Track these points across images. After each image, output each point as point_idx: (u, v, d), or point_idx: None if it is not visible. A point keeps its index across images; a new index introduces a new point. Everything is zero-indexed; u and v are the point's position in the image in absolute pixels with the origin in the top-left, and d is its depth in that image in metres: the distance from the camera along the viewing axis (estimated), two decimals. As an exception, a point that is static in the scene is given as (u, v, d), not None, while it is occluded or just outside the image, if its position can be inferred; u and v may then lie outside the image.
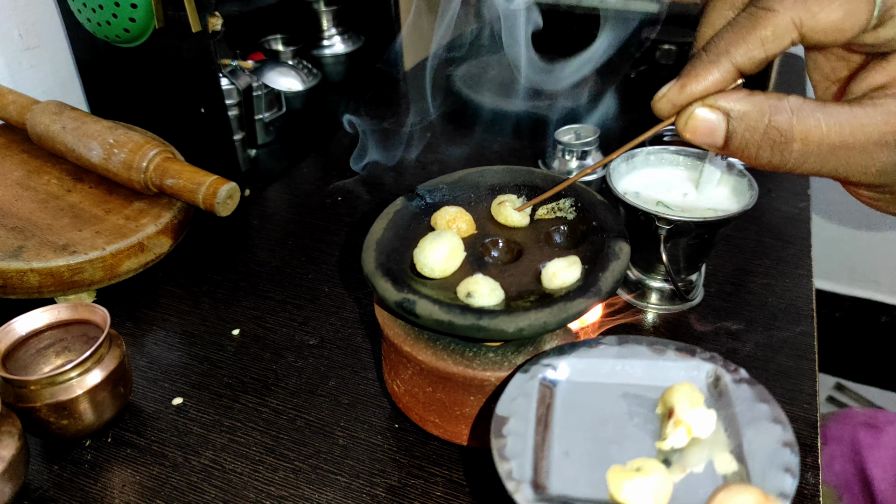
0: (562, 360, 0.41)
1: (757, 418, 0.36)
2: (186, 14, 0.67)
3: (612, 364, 0.41)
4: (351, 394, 0.55)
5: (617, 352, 0.41)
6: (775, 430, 0.35)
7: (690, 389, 0.37)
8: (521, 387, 0.39)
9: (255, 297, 0.65)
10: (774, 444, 0.35)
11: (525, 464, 0.35)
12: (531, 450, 0.36)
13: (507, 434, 0.36)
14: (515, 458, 0.35)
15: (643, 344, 0.42)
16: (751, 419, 0.36)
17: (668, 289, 0.62)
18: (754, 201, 0.55)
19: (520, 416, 0.37)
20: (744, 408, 0.37)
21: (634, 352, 0.41)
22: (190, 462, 0.50)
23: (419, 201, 0.52)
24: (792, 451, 0.34)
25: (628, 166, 0.61)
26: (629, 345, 0.42)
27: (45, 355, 0.53)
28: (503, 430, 0.37)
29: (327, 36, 1.03)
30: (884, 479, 0.78)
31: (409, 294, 0.43)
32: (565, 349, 0.41)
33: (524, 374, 0.40)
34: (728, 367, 0.40)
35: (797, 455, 0.34)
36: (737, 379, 0.39)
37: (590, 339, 0.42)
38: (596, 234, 0.48)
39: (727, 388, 0.38)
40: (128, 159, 0.65)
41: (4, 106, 0.72)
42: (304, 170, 0.87)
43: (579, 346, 0.42)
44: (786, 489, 0.32)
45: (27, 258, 0.58)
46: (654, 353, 0.41)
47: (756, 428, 0.36)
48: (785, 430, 0.35)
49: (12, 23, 0.77)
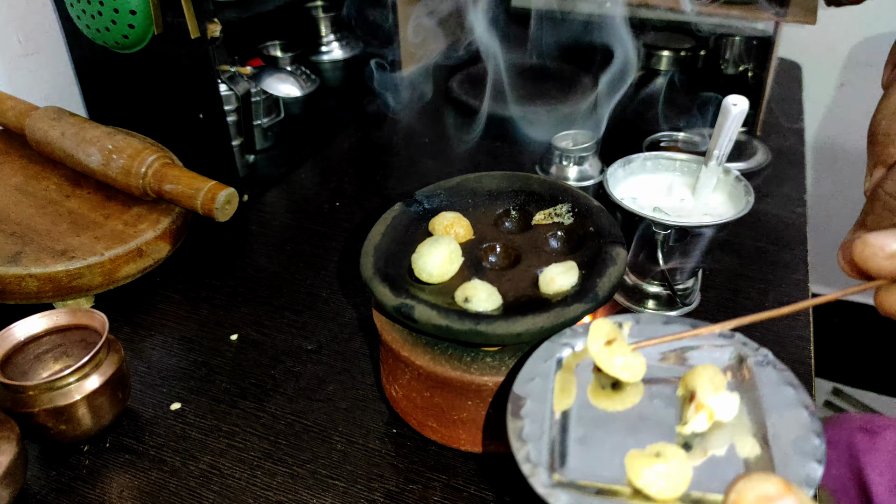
0: (579, 340, 0.40)
1: (782, 403, 0.35)
2: (185, 20, 0.68)
3: (632, 345, 0.39)
4: (349, 399, 0.55)
5: (637, 331, 0.40)
6: (801, 416, 0.34)
7: (713, 372, 0.36)
8: (538, 367, 0.38)
9: (254, 302, 0.65)
10: (800, 431, 0.33)
11: (542, 447, 0.34)
12: (548, 432, 0.34)
13: (524, 416, 0.35)
14: (532, 441, 0.34)
15: (662, 323, 0.40)
16: (775, 404, 0.35)
17: (665, 294, 0.62)
18: (750, 206, 0.55)
19: (536, 397, 0.36)
20: (768, 391, 0.36)
21: (654, 331, 0.40)
22: (188, 467, 0.50)
23: (417, 207, 0.53)
24: (819, 438, 0.33)
25: (625, 171, 0.62)
26: (648, 324, 0.40)
27: (43, 360, 0.53)
28: (521, 411, 0.35)
29: (325, 42, 1.03)
30: (881, 483, 0.78)
31: (407, 299, 0.43)
32: (583, 328, 0.40)
33: (540, 354, 0.39)
34: (752, 347, 0.38)
35: (824, 442, 0.33)
36: (761, 361, 0.38)
37: (608, 316, 0.41)
38: (593, 239, 0.49)
39: (751, 370, 0.37)
40: (126, 165, 0.65)
41: (3, 112, 0.72)
42: (302, 175, 0.87)
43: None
44: (811, 477, 0.31)
45: (26, 263, 0.58)
46: (675, 331, 0.39)
47: (781, 413, 0.34)
48: (812, 416, 0.34)
49: (11, 29, 0.78)
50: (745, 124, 0.91)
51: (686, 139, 0.83)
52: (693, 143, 0.82)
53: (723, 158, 0.57)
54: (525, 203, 0.54)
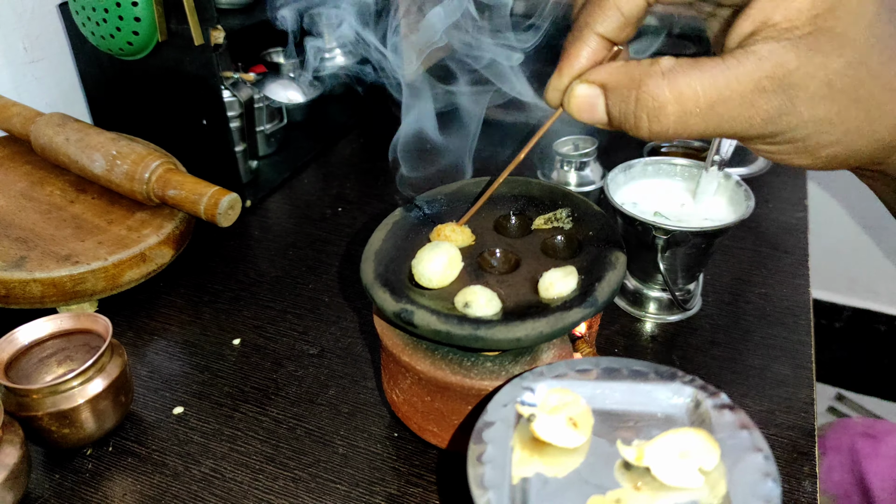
0: (540, 383, 0.39)
1: (738, 447, 0.35)
2: (189, 27, 0.68)
3: (592, 387, 0.39)
4: (350, 403, 0.55)
5: (597, 374, 0.40)
6: (757, 460, 0.34)
7: (707, 441, 0.35)
8: (498, 412, 0.38)
9: (256, 306, 0.66)
10: (756, 475, 0.34)
11: (503, 494, 0.33)
12: (508, 478, 0.34)
13: (485, 462, 0.35)
14: (494, 488, 0.34)
15: (623, 366, 0.40)
16: (732, 447, 0.35)
17: (665, 298, 0.62)
18: (751, 211, 0.56)
19: (497, 443, 0.36)
20: (725, 435, 0.36)
21: (614, 374, 0.40)
22: (190, 471, 0.50)
23: (417, 212, 0.53)
24: (774, 482, 0.33)
25: (626, 177, 0.62)
26: (608, 367, 0.40)
27: (47, 364, 0.53)
28: (481, 457, 0.35)
29: (328, 49, 1.04)
30: (883, 488, 0.78)
31: (408, 304, 0.43)
32: (544, 371, 0.40)
33: (502, 398, 0.39)
34: (709, 391, 0.39)
35: (779, 486, 0.33)
36: (718, 404, 0.38)
37: (567, 360, 0.41)
38: (593, 244, 0.49)
39: (708, 414, 0.37)
40: (130, 170, 0.65)
41: (9, 118, 0.73)
42: (304, 181, 0.87)
43: (557, 368, 0.40)
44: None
45: (30, 268, 0.58)
46: (634, 376, 0.40)
47: (737, 457, 0.35)
48: (767, 459, 0.34)
49: (17, 36, 0.78)
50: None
51: (687, 144, 0.83)
52: (694, 149, 0.82)
53: (723, 163, 0.57)
54: (525, 208, 0.54)
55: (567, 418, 0.37)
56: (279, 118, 0.90)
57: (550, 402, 0.38)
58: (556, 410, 0.38)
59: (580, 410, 0.38)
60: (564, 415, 0.37)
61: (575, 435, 0.37)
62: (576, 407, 0.38)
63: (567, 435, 0.36)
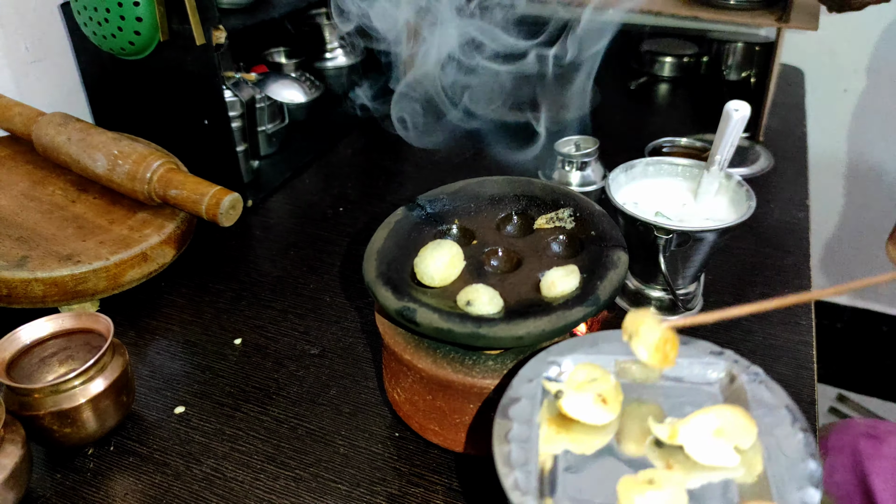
0: (566, 358, 0.38)
1: (776, 424, 0.34)
2: (191, 27, 0.68)
3: (619, 360, 0.38)
4: (352, 402, 0.55)
5: (623, 347, 0.38)
6: (797, 438, 0.33)
7: (743, 417, 0.34)
8: (523, 387, 0.37)
9: (257, 306, 0.66)
10: (795, 454, 0.32)
11: (530, 473, 0.32)
12: (535, 457, 0.33)
13: (511, 440, 0.34)
14: (520, 467, 0.33)
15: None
16: (770, 425, 0.34)
17: (667, 299, 0.62)
18: (752, 211, 0.56)
19: (523, 419, 0.35)
20: (762, 412, 0.34)
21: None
22: (192, 471, 0.50)
23: (419, 211, 0.53)
24: (815, 461, 0.32)
25: (627, 177, 0.62)
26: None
27: (48, 364, 0.53)
28: (507, 435, 0.34)
29: (330, 49, 1.04)
30: (885, 489, 0.78)
31: (410, 302, 0.43)
32: (570, 344, 0.39)
33: (527, 373, 0.37)
34: (743, 364, 0.37)
35: (821, 466, 0.31)
36: (754, 378, 0.36)
37: (594, 333, 0.41)
38: (594, 243, 0.49)
39: (743, 389, 0.36)
40: (132, 170, 0.65)
41: (10, 118, 0.73)
42: (306, 181, 0.87)
43: (584, 342, 0.39)
44: (808, 500, 0.30)
45: (32, 268, 0.58)
46: None
47: (776, 435, 0.33)
48: (807, 437, 0.33)
49: (19, 36, 0.78)
50: (748, 130, 0.91)
51: (688, 144, 0.83)
52: (695, 149, 0.82)
53: (724, 163, 0.57)
54: (527, 207, 0.54)
55: (596, 395, 0.36)
56: (281, 118, 0.90)
57: (578, 377, 0.37)
58: (584, 386, 0.36)
59: (609, 386, 0.36)
60: (593, 391, 0.36)
61: (604, 412, 0.35)
62: (605, 383, 0.37)
63: (596, 412, 0.35)
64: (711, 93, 1.08)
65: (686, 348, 0.38)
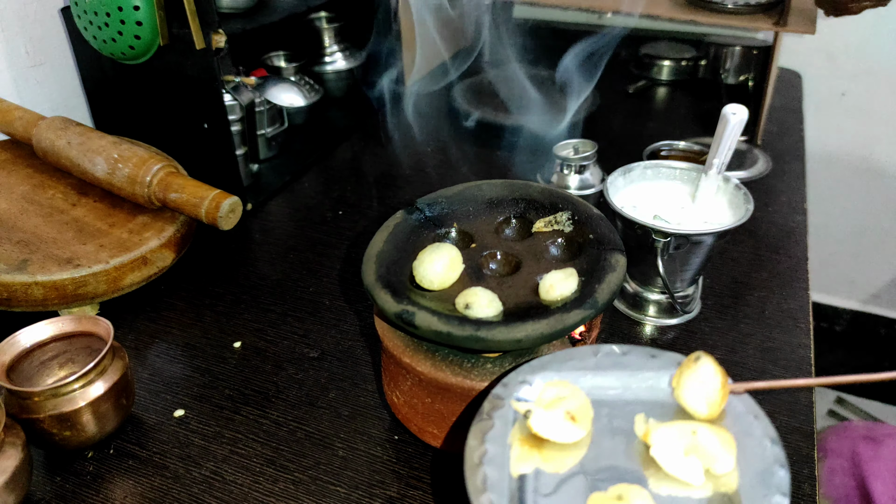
0: (536, 376, 0.38)
1: (747, 434, 0.34)
2: (190, 31, 0.69)
3: (591, 377, 0.38)
4: (351, 405, 0.55)
5: (594, 363, 0.39)
6: (764, 446, 0.34)
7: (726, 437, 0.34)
8: (495, 408, 0.37)
9: (257, 309, 0.66)
10: (765, 463, 0.33)
11: (502, 493, 0.33)
12: (507, 478, 0.33)
13: (480, 462, 0.34)
14: (492, 489, 0.33)
15: (621, 353, 0.39)
16: (741, 434, 0.34)
17: (665, 301, 0.62)
18: (750, 214, 0.56)
19: (495, 440, 0.35)
20: (732, 421, 0.35)
21: (612, 362, 0.39)
22: (191, 474, 0.50)
23: (418, 214, 0.53)
24: (784, 470, 0.32)
25: (625, 180, 0.62)
26: (605, 355, 0.39)
27: (48, 367, 0.53)
28: (476, 456, 0.34)
29: (329, 52, 1.04)
30: (884, 492, 0.78)
31: (409, 305, 0.43)
32: (541, 363, 0.39)
33: (498, 394, 0.37)
34: None
35: (788, 472, 0.32)
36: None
37: (565, 349, 0.41)
38: (593, 246, 0.49)
39: None
40: (132, 174, 0.65)
41: (11, 122, 0.73)
42: (305, 184, 0.87)
43: (555, 359, 0.39)
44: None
45: (32, 271, 0.59)
46: (636, 364, 0.38)
47: (747, 444, 0.34)
48: (776, 447, 0.34)
49: (19, 40, 0.79)
50: (746, 133, 0.92)
51: (686, 148, 0.83)
52: (693, 152, 0.83)
53: (722, 167, 0.57)
54: (525, 211, 0.54)
55: (565, 412, 0.36)
56: (280, 122, 0.90)
57: (548, 395, 0.37)
58: (554, 404, 0.36)
59: (579, 403, 0.36)
60: (562, 409, 0.36)
61: (574, 429, 0.35)
62: (574, 400, 0.37)
63: (565, 430, 0.35)
64: (709, 96, 1.08)
65: (655, 361, 0.39)
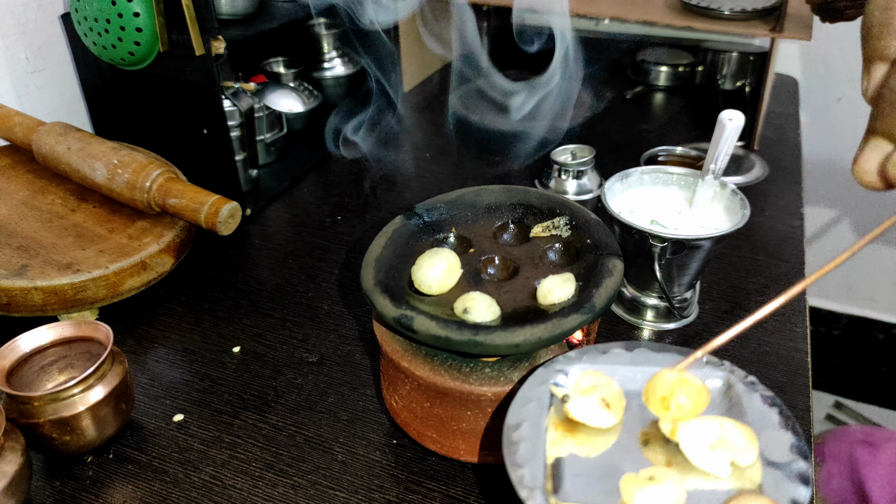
0: (573, 366, 0.41)
1: (769, 426, 0.36)
2: (190, 38, 0.69)
3: (623, 371, 0.41)
4: (350, 410, 0.56)
5: (629, 358, 0.41)
6: (788, 439, 0.36)
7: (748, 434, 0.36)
8: (532, 392, 0.39)
9: (256, 314, 0.66)
10: (787, 453, 0.35)
11: (537, 470, 0.35)
12: (543, 456, 0.35)
13: (518, 440, 0.36)
14: (527, 465, 0.35)
15: (653, 350, 0.42)
16: (763, 427, 0.36)
17: (663, 306, 0.63)
18: (746, 220, 0.56)
19: (531, 421, 0.37)
20: (756, 416, 0.37)
21: (646, 358, 0.41)
22: (190, 478, 0.50)
23: (417, 220, 0.53)
24: (805, 460, 0.34)
25: (623, 185, 0.62)
26: (640, 351, 0.42)
27: (48, 372, 0.53)
28: (514, 435, 0.36)
29: (328, 59, 1.05)
30: (882, 495, 0.78)
31: (407, 310, 0.43)
32: (576, 355, 0.42)
33: (536, 379, 0.40)
34: (739, 374, 0.40)
35: (811, 464, 0.35)
36: (749, 386, 0.39)
37: (601, 344, 0.43)
38: (590, 251, 0.49)
39: (739, 397, 0.38)
40: (131, 179, 0.66)
41: (11, 127, 0.73)
42: (304, 190, 0.88)
43: (590, 352, 0.42)
44: (799, 498, 0.32)
45: (31, 276, 0.59)
46: (665, 361, 0.41)
47: (768, 436, 0.36)
48: (798, 438, 0.35)
49: (19, 46, 0.79)
50: (743, 139, 0.92)
51: (683, 153, 0.83)
52: (691, 158, 0.83)
53: (719, 172, 0.58)
54: (523, 216, 0.55)
55: (600, 399, 0.38)
56: (279, 127, 0.90)
57: (583, 384, 0.39)
58: (589, 392, 0.38)
59: (613, 392, 0.38)
60: (597, 396, 0.38)
61: (607, 416, 0.37)
62: (608, 389, 0.39)
63: (600, 415, 0.37)
64: (706, 102, 1.09)
65: (686, 359, 0.40)
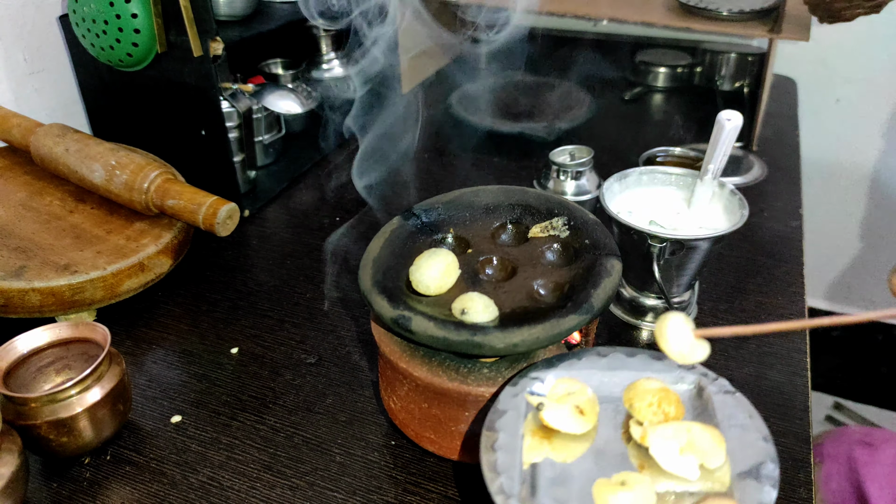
0: (549, 373, 0.41)
1: (739, 430, 0.37)
2: (188, 39, 0.69)
3: (598, 377, 0.41)
4: (348, 411, 0.55)
5: (605, 363, 0.42)
6: (757, 443, 0.36)
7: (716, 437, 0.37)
8: (509, 401, 0.40)
9: (254, 315, 0.66)
10: (756, 457, 0.35)
11: (514, 478, 0.35)
12: (520, 464, 0.36)
13: (497, 449, 0.37)
14: (505, 473, 0.36)
15: (628, 355, 0.42)
16: (733, 431, 0.37)
17: (661, 306, 0.63)
18: (745, 220, 0.56)
19: (509, 430, 0.38)
20: (726, 419, 0.38)
21: (621, 363, 0.42)
22: (188, 479, 0.50)
23: (415, 220, 0.53)
24: (773, 463, 0.35)
25: (621, 186, 0.62)
26: (615, 356, 0.42)
27: (45, 373, 0.53)
28: (493, 444, 0.37)
29: (326, 60, 1.05)
30: (881, 496, 0.78)
31: (405, 311, 0.43)
32: (553, 362, 0.42)
33: (513, 388, 0.41)
34: (710, 377, 0.40)
35: (778, 467, 0.35)
36: (720, 390, 0.39)
37: (576, 350, 0.43)
38: (588, 252, 0.49)
39: (710, 400, 0.39)
40: (129, 180, 0.66)
41: (9, 129, 0.73)
42: (302, 191, 0.88)
43: (566, 359, 0.42)
44: (766, 500, 0.33)
45: (29, 278, 0.59)
46: (638, 366, 0.42)
47: (738, 440, 0.36)
48: (767, 442, 0.36)
49: (18, 47, 0.79)
50: (741, 139, 0.92)
51: (682, 154, 0.83)
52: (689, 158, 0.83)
53: (717, 172, 0.58)
54: (521, 216, 0.55)
55: (574, 406, 0.39)
56: (277, 128, 0.90)
57: (558, 391, 0.40)
58: (564, 399, 0.39)
59: (586, 398, 0.39)
60: (571, 403, 0.39)
61: (581, 422, 0.38)
62: (582, 395, 0.40)
63: (574, 422, 0.38)
64: (705, 103, 1.09)
65: (658, 363, 0.42)
